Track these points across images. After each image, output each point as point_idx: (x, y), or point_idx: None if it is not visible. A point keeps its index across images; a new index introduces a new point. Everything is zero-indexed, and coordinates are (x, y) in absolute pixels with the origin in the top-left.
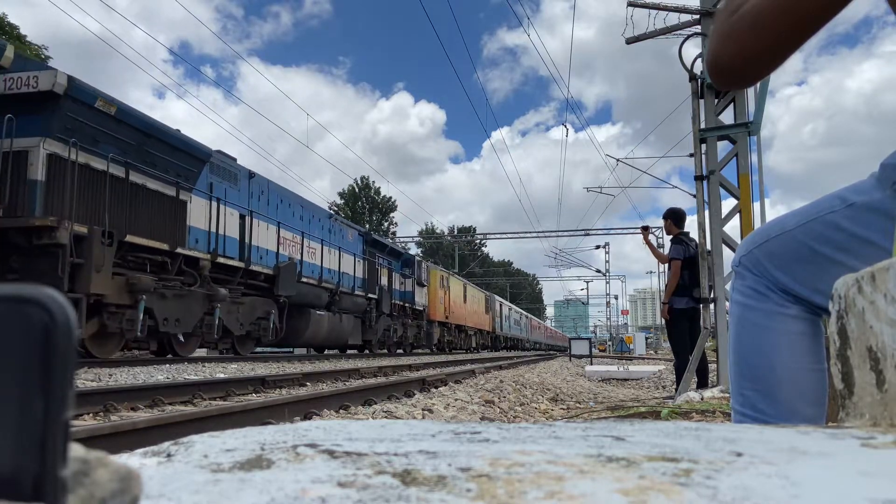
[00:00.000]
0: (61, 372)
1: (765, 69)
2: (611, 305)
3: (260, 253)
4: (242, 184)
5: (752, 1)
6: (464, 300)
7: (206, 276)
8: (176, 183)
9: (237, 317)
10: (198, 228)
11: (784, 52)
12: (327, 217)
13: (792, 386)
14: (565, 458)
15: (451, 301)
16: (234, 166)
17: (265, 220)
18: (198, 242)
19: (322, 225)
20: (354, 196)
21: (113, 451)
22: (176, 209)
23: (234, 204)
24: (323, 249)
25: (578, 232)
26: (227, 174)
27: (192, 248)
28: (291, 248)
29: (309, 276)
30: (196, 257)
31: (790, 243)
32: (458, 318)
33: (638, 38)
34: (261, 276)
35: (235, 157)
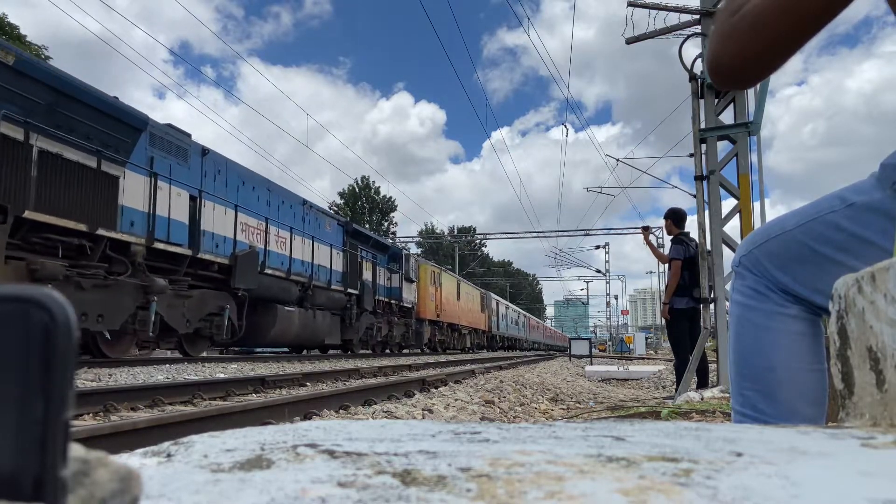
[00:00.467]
0: (61, 372)
1: (765, 70)
2: (611, 305)
3: (216, 240)
4: (193, 161)
5: (753, 1)
6: (457, 297)
7: (139, 263)
8: (98, 152)
9: (182, 312)
10: (134, 209)
11: (785, 53)
12: (300, 204)
13: (792, 386)
14: (565, 458)
15: (443, 298)
16: (183, 140)
17: (221, 202)
18: (133, 225)
19: (294, 212)
20: (354, 196)
21: (113, 451)
22: (101, 185)
23: (182, 183)
24: (293, 238)
25: (578, 232)
26: (174, 149)
27: (126, 231)
28: (254, 236)
29: (276, 267)
30: (126, 241)
31: (790, 243)
32: (451, 316)
33: (638, 38)
34: (214, 266)
35: (190, 134)
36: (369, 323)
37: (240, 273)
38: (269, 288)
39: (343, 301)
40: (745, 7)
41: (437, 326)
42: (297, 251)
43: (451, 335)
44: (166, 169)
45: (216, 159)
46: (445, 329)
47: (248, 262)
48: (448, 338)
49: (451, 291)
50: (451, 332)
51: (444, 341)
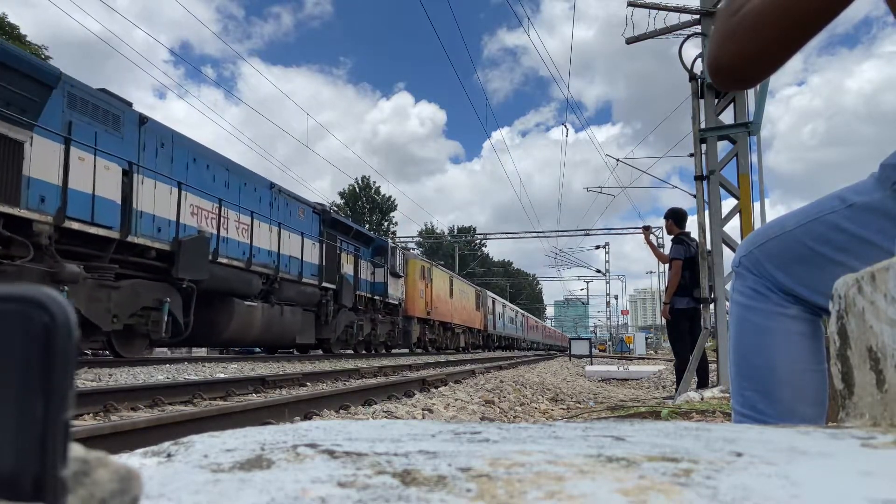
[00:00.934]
0: (61, 372)
1: (766, 70)
2: (611, 305)
3: (157, 224)
4: (128, 130)
5: (753, 1)
6: (450, 294)
7: (45, 246)
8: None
9: (107, 306)
10: (45, 182)
11: (785, 54)
12: (267, 187)
13: (792, 386)
14: (565, 458)
15: (434, 295)
16: (114, 105)
17: (165, 180)
18: (44, 202)
19: (259, 196)
20: (355, 196)
21: (113, 451)
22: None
23: (111, 155)
24: (256, 225)
25: (578, 232)
26: (101, 114)
27: (34, 207)
28: (206, 220)
29: (233, 256)
30: (26, 219)
31: (790, 243)
32: (443, 314)
33: (638, 38)
34: (151, 253)
35: (131, 103)
36: (349, 321)
37: (184, 261)
38: (224, 279)
39: (317, 296)
40: (745, 7)
41: (427, 325)
42: (260, 239)
43: (442, 334)
44: (90, 136)
45: (159, 131)
46: (437, 328)
47: (196, 248)
48: (439, 337)
49: (444, 288)
50: (443, 331)
51: (435, 341)
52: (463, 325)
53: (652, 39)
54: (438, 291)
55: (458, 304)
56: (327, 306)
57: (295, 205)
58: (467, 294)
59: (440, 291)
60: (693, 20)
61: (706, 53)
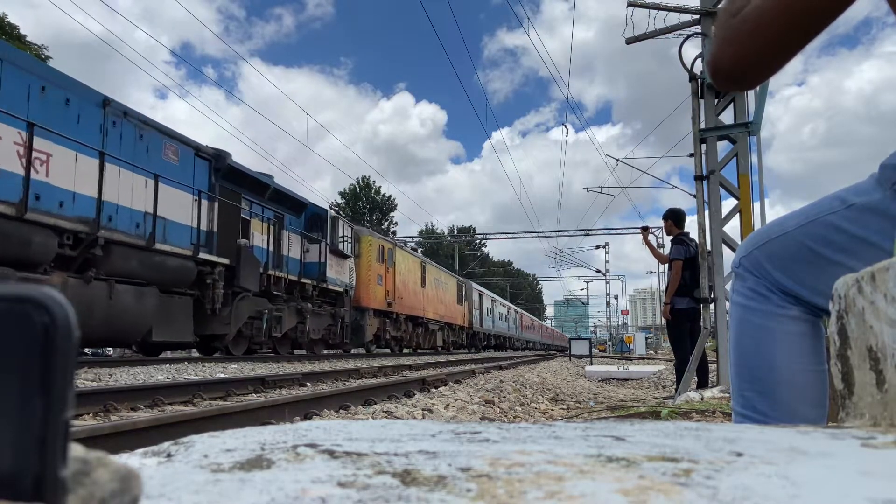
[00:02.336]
0: (61, 372)
1: (766, 71)
2: (611, 305)
3: None
4: None
5: (753, 3)
6: (421, 283)
7: None
8: None
9: None
10: None
11: (785, 55)
12: (97, 105)
13: (792, 387)
14: (565, 458)
15: (398, 283)
16: None
17: None
18: None
19: (78, 115)
20: (355, 196)
21: (113, 451)
22: None
23: None
24: (59, 155)
25: (578, 232)
26: None
27: None
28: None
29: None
30: None
31: (790, 244)
32: (412, 306)
33: (638, 38)
34: None
35: None
36: (255, 310)
37: None
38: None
39: (191, 273)
40: (745, 9)
41: (389, 319)
42: (63, 176)
43: (411, 331)
44: None
45: None
46: (402, 323)
47: None
48: (407, 334)
49: (412, 275)
50: (413, 326)
51: (401, 338)
52: (440, 320)
53: (652, 39)
54: (405, 279)
55: (432, 296)
56: (213, 289)
57: (157, 138)
58: (446, 285)
59: (407, 279)
60: (693, 20)
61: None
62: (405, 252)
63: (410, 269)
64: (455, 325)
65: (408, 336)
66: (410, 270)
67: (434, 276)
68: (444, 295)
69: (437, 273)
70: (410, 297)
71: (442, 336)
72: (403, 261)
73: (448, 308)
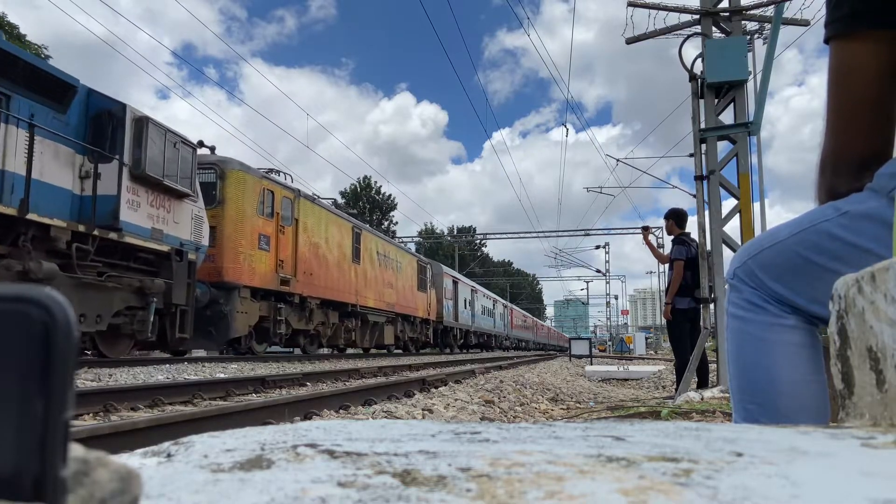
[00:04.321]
0: (61, 372)
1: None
2: (611, 305)
3: None
4: None
5: (826, 148)
6: (353, 257)
7: None
8: None
9: None
10: None
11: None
12: None
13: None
14: (565, 458)
15: (306, 251)
16: None
17: None
18: None
19: None
20: (356, 195)
21: (113, 451)
22: None
23: None
24: None
25: (578, 232)
26: None
27: None
28: None
29: None
30: None
31: (784, 253)
32: (333, 288)
33: (638, 38)
34: None
35: None
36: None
37: None
38: None
39: None
40: (823, 157)
41: (287, 304)
42: None
43: (334, 323)
44: None
45: None
46: (313, 310)
47: None
48: (325, 327)
49: (335, 244)
50: (339, 317)
51: (311, 333)
52: (388, 310)
53: (652, 40)
54: (320, 247)
55: (375, 277)
56: None
57: None
58: (398, 264)
59: (325, 248)
60: (693, 20)
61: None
62: (322, 209)
63: (332, 234)
64: (415, 317)
65: (326, 330)
66: (332, 236)
67: (378, 250)
68: (394, 277)
69: (383, 247)
70: (330, 274)
71: (393, 331)
72: (317, 220)
73: (403, 295)
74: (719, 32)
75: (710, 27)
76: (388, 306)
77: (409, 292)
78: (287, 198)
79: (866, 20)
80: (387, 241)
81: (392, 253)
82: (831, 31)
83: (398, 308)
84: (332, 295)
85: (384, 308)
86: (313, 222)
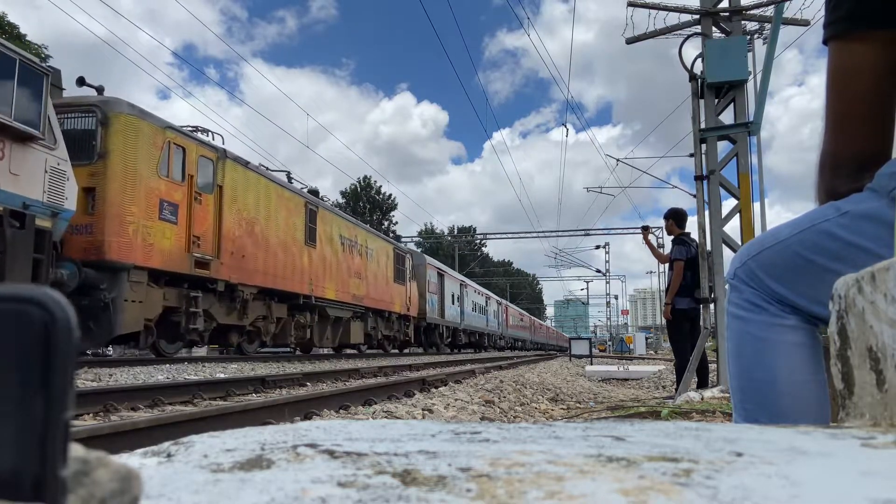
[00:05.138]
0: (61, 372)
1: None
2: (611, 305)
3: None
4: None
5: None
6: (308, 238)
7: None
8: None
9: None
10: None
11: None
12: None
13: (794, 399)
14: (565, 458)
15: (234, 226)
16: None
17: None
18: None
19: None
20: (356, 195)
21: (113, 451)
22: None
23: None
24: None
25: (578, 232)
26: None
27: None
28: None
29: None
30: None
31: (784, 253)
32: (279, 273)
33: (638, 38)
34: None
35: None
36: None
37: None
38: None
39: None
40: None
41: (209, 292)
42: None
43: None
44: None
45: None
46: (251, 301)
47: None
48: (268, 322)
49: (286, 221)
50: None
51: (251, 329)
52: (356, 304)
53: (652, 40)
54: (257, 222)
55: (338, 264)
56: None
57: None
58: (369, 251)
59: (264, 224)
60: (693, 20)
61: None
62: (261, 177)
63: (275, 209)
64: (390, 312)
65: (268, 326)
66: (276, 212)
67: (343, 234)
68: (364, 266)
69: (350, 230)
70: (273, 257)
71: (362, 328)
72: (253, 190)
73: (375, 287)
74: (719, 32)
75: (710, 27)
76: (355, 299)
77: (383, 284)
78: (206, 158)
79: (865, 21)
80: (355, 223)
81: (361, 238)
82: (830, 32)
83: (368, 302)
84: (275, 283)
85: (349, 301)
86: (247, 193)
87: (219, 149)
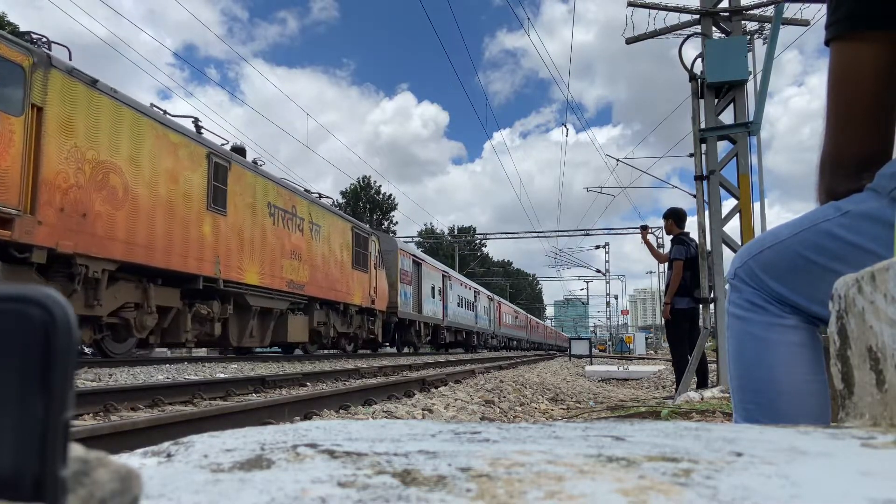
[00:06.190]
0: (61, 372)
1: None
2: (611, 305)
3: None
4: None
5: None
6: (211, 201)
7: None
8: None
9: None
10: None
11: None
12: None
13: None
14: (565, 458)
15: (81, 170)
16: None
17: None
18: None
19: None
20: (356, 195)
21: (113, 451)
22: None
23: None
24: None
25: (578, 232)
26: None
27: None
28: None
29: None
30: None
31: (785, 253)
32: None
33: (638, 38)
34: None
35: None
36: None
37: None
38: None
39: None
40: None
41: (26, 265)
42: None
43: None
44: None
45: None
46: (107, 282)
47: None
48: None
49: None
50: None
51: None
52: (294, 292)
53: (652, 40)
54: (115, 168)
55: (263, 240)
56: None
57: None
58: (313, 227)
59: (131, 173)
60: (693, 20)
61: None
62: (117, 103)
63: (151, 153)
64: (348, 305)
65: (144, 318)
66: (152, 157)
67: (270, 201)
68: (307, 246)
69: (287, 199)
70: (148, 222)
71: (305, 324)
72: (105, 119)
73: (325, 273)
74: (719, 32)
75: (710, 27)
76: (293, 286)
77: (337, 270)
78: (11, 62)
79: (865, 21)
80: (296, 192)
81: (303, 209)
82: (831, 33)
83: (313, 290)
84: (149, 259)
85: (283, 289)
86: (98, 126)
87: (37, 52)
